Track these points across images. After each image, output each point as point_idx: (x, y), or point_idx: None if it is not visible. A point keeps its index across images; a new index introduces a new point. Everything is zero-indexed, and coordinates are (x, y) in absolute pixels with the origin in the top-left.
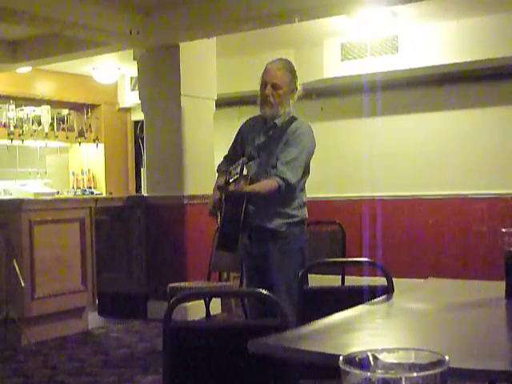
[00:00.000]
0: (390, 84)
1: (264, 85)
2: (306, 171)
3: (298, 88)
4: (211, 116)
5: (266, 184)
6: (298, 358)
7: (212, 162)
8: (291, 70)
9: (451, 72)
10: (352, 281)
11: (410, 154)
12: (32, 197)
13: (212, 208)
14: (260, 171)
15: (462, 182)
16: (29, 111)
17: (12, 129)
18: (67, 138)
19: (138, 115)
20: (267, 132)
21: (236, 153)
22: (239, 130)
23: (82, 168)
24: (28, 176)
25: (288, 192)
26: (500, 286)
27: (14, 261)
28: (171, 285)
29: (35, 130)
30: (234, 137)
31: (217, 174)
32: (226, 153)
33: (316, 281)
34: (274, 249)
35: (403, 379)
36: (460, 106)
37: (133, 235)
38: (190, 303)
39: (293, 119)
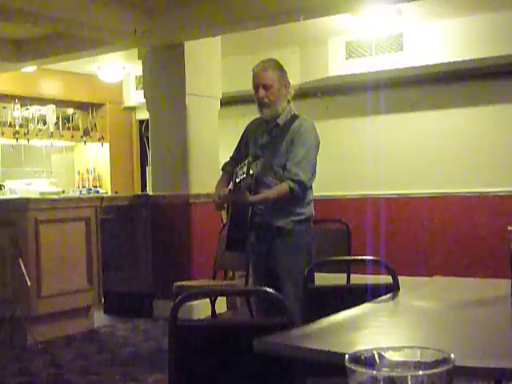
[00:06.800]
0: (394, 82)
1: (256, 89)
2: (314, 169)
3: (291, 82)
4: (216, 114)
5: (277, 190)
6: (303, 356)
7: (217, 160)
8: (277, 67)
9: (456, 70)
10: (357, 279)
11: (415, 151)
12: (38, 196)
13: (218, 200)
14: (265, 170)
15: (468, 180)
16: (34, 110)
17: (17, 128)
18: (72, 137)
19: (143, 114)
20: (271, 131)
21: (241, 153)
22: (244, 131)
23: (87, 167)
24: (33, 175)
25: (302, 191)
26: (505, 284)
27: (20, 260)
28: (177, 283)
29: (40, 130)
30: (238, 135)
31: (221, 173)
32: (232, 153)
33: (321, 279)
34: (281, 247)
35: (409, 377)
36: (465, 104)
37: (138, 234)
38: (196, 302)
39: (295, 117)
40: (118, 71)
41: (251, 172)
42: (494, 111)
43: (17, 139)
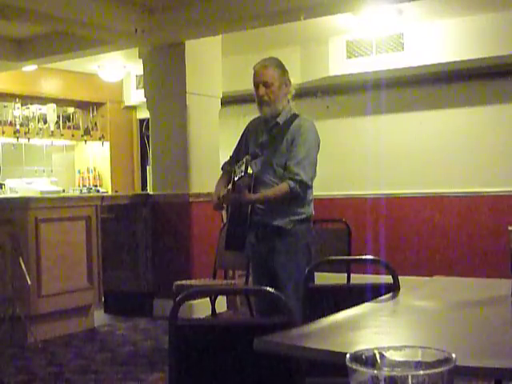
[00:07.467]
0: (395, 82)
1: (256, 87)
2: (315, 168)
3: (291, 81)
4: (216, 114)
5: (277, 190)
6: (304, 355)
7: (217, 159)
8: (278, 65)
9: (457, 70)
10: (358, 279)
11: (415, 151)
12: (38, 195)
13: (217, 201)
14: (264, 169)
15: (468, 180)
16: (35, 109)
17: (18, 127)
18: (73, 136)
19: (144, 113)
20: (270, 131)
21: (240, 153)
22: (244, 130)
23: (87, 166)
24: (34, 174)
25: (303, 191)
26: (506, 284)
27: (20, 258)
28: (177, 283)
29: (41, 129)
30: (239, 135)
31: (221, 172)
32: (232, 153)
33: (322, 279)
34: (281, 246)
35: (410, 377)
36: (465, 104)
37: (138, 233)
38: (196, 301)
39: (295, 116)
40: (119, 70)
41: (249, 171)
42: (494, 111)
43: (17, 138)
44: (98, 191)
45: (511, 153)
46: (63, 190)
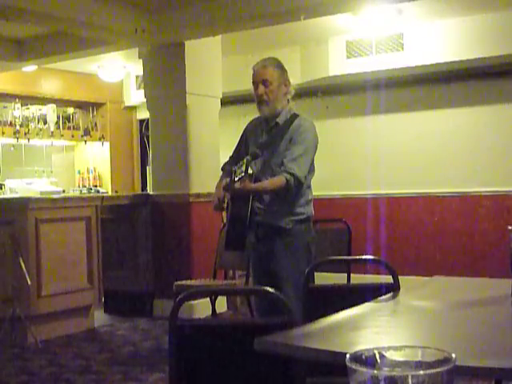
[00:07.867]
0: (395, 82)
1: (255, 86)
2: (311, 168)
3: (291, 81)
4: (216, 114)
5: (274, 181)
6: (304, 355)
7: (217, 159)
8: (278, 65)
9: (456, 69)
10: (358, 279)
11: (415, 151)
12: (38, 195)
13: (217, 202)
14: (264, 169)
15: (468, 180)
16: (34, 110)
17: (18, 128)
18: (73, 136)
19: (144, 113)
20: (270, 131)
21: (240, 153)
22: (243, 130)
23: (87, 166)
24: (34, 175)
25: (297, 187)
26: (506, 284)
27: (20, 259)
28: (177, 283)
29: (41, 129)
30: (239, 135)
31: (221, 173)
32: (231, 153)
33: (322, 279)
34: (281, 246)
35: (410, 377)
36: (465, 104)
37: (138, 233)
38: (196, 301)
39: (295, 116)
40: (119, 70)
41: (250, 171)
42: (493, 111)
43: (17, 139)
44: (98, 191)
45: (511, 153)
46: (63, 191)
